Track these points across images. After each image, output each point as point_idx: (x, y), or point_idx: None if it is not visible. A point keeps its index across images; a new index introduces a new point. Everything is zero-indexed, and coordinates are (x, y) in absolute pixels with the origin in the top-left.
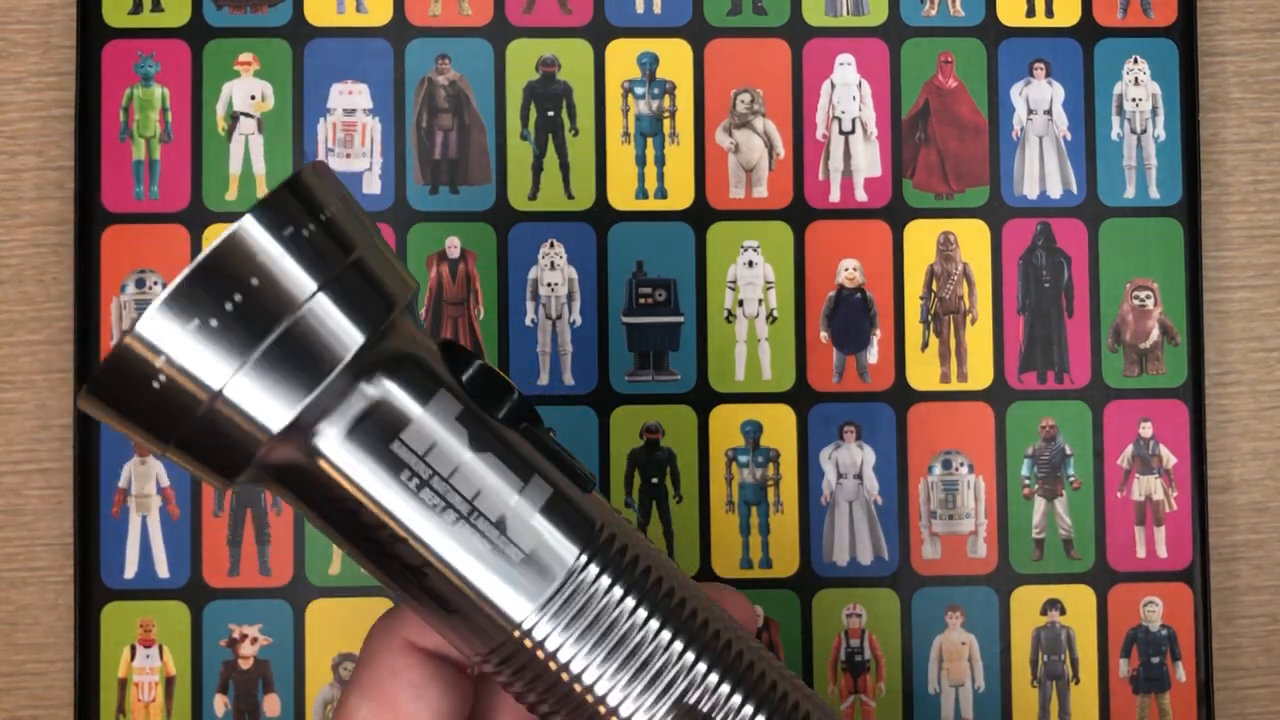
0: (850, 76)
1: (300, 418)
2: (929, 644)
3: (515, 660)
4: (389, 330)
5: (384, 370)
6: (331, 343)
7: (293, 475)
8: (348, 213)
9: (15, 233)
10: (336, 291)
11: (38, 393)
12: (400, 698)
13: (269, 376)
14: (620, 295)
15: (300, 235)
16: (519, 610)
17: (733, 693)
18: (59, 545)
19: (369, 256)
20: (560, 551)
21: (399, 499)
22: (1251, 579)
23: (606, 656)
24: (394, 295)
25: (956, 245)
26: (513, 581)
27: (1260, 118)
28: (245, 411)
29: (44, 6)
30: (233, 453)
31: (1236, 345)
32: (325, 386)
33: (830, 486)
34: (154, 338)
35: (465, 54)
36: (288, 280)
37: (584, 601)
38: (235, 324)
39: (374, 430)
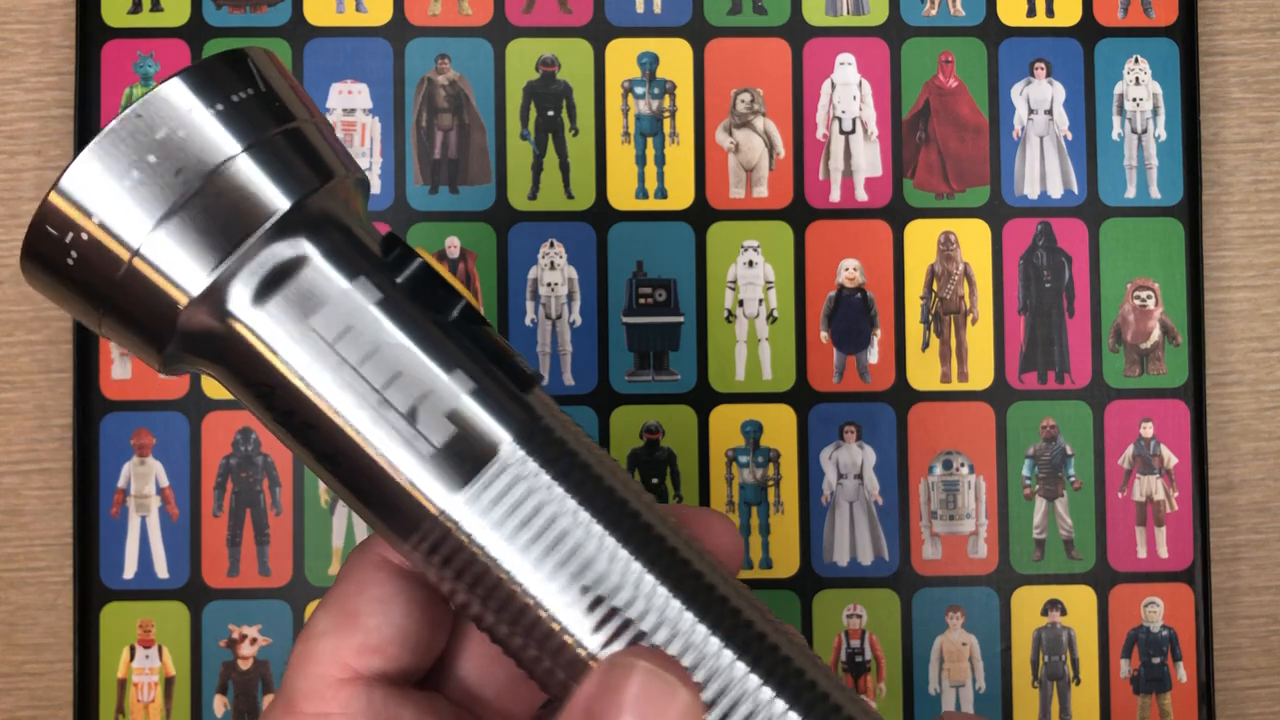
0: (851, 76)
1: (218, 280)
2: (930, 644)
3: (440, 550)
4: (323, 204)
5: (308, 236)
6: (253, 204)
7: (216, 346)
8: (291, 93)
9: (15, 233)
10: (264, 154)
11: (37, 393)
12: (362, 610)
13: (188, 236)
14: (620, 295)
15: (229, 99)
16: (435, 501)
17: (661, 590)
18: (58, 545)
19: (307, 131)
20: (479, 441)
21: (311, 377)
22: (1252, 579)
23: (530, 544)
24: (331, 168)
25: (957, 245)
26: (425, 473)
27: (1261, 117)
28: (164, 271)
29: (43, 6)
30: (156, 319)
31: (1237, 345)
32: (245, 249)
33: (831, 487)
34: (76, 193)
35: (465, 54)
36: (210, 138)
37: (506, 491)
38: (153, 180)
39: (292, 299)
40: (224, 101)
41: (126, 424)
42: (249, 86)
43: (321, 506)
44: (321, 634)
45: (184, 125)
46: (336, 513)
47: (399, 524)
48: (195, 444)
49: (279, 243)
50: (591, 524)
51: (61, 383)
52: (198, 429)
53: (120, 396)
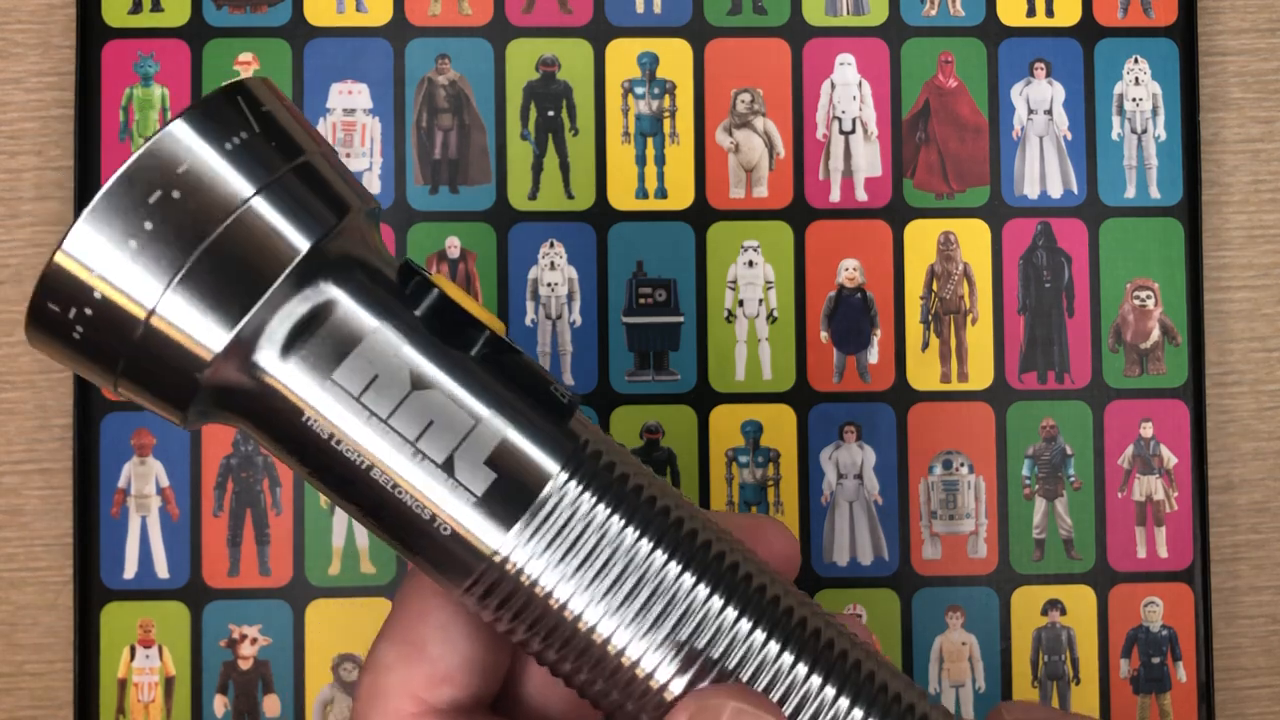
0: (850, 76)
1: (242, 334)
2: (929, 644)
3: (495, 594)
4: (342, 242)
5: (332, 278)
6: (272, 249)
7: (242, 401)
8: (295, 124)
9: (15, 233)
10: (278, 195)
11: (37, 393)
12: (428, 640)
13: (206, 291)
14: (620, 295)
15: (237, 138)
16: (486, 543)
17: (741, 620)
18: (58, 545)
19: (317, 164)
20: (525, 478)
21: (341, 432)
22: (1252, 579)
23: (592, 582)
24: (346, 201)
25: (957, 245)
26: (471, 518)
27: (1261, 117)
28: (185, 330)
29: (44, 6)
30: (178, 379)
31: (1237, 345)
32: (267, 298)
33: (830, 487)
34: (83, 254)
35: (465, 54)
36: (222, 183)
37: (558, 527)
38: (165, 233)
39: (319, 349)
40: (231, 141)
41: (127, 424)
42: (254, 122)
43: (322, 507)
44: (389, 667)
45: (193, 170)
46: (336, 513)
47: (451, 571)
48: (195, 444)
49: (303, 289)
50: (653, 552)
51: (62, 383)
52: (198, 429)
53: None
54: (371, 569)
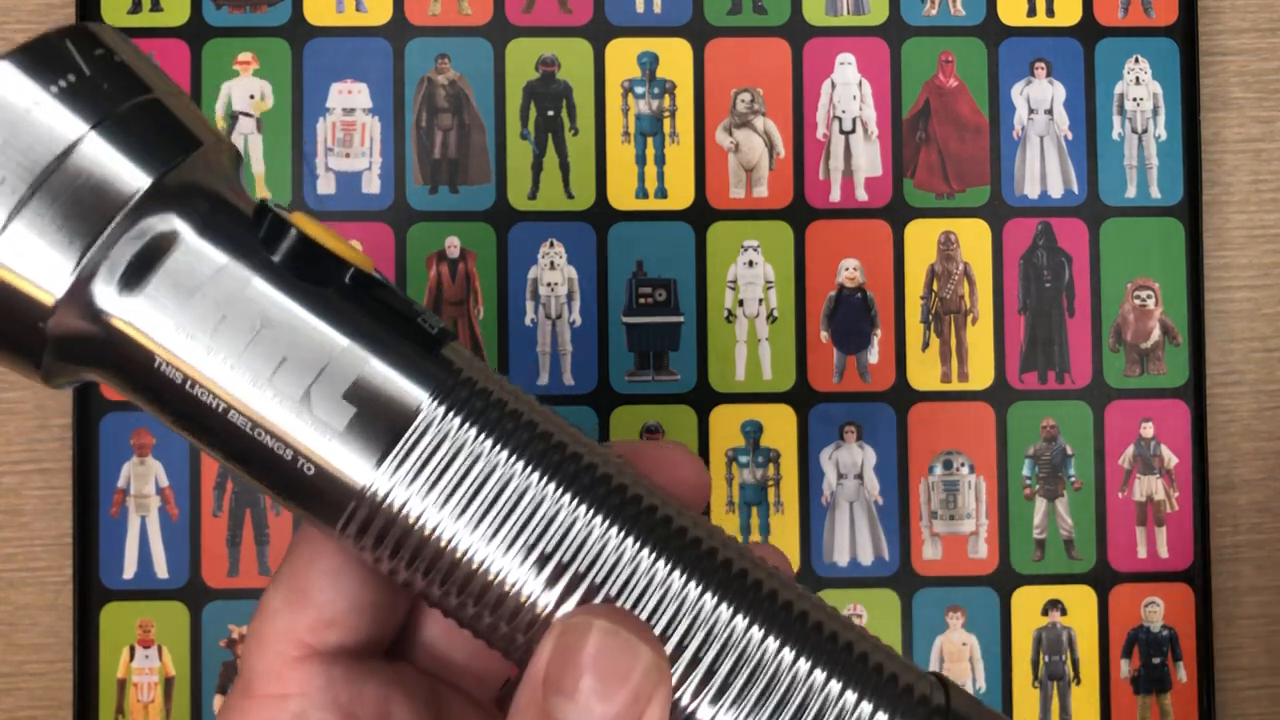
0: (851, 76)
1: (83, 273)
2: (930, 644)
3: (370, 531)
4: (191, 176)
5: (176, 212)
6: (110, 186)
7: (93, 351)
8: (146, 65)
9: None
10: (116, 130)
11: (36, 393)
12: (313, 585)
13: (43, 231)
14: (620, 295)
15: (70, 77)
16: (354, 478)
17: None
18: (58, 545)
19: (168, 103)
20: (393, 409)
21: (194, 374)
22: (1253, 579)
23: (466, 508)
24: (198, 137)
25: (957, 245)
26: (336, 453)
27: (1261, 117)
28: (23, 274)
29: (43, 6)
30: (24, 329)
31: (1238, 345)
32: (107, 235)
33: (831, 487)
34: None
35: (465, 53)
36: (52, 121)
37: (426, 456)
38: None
39: (165, 284)
40: (64, 80)
41: (126, 424)
42: (92, 61)
43: None
44: (274, 612)
45: (18, 110)
46: None
47: (325, 512)
48: None
49: (144, 224)
50: (530, 473)
51: None
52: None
53: (120, 396)
54: None
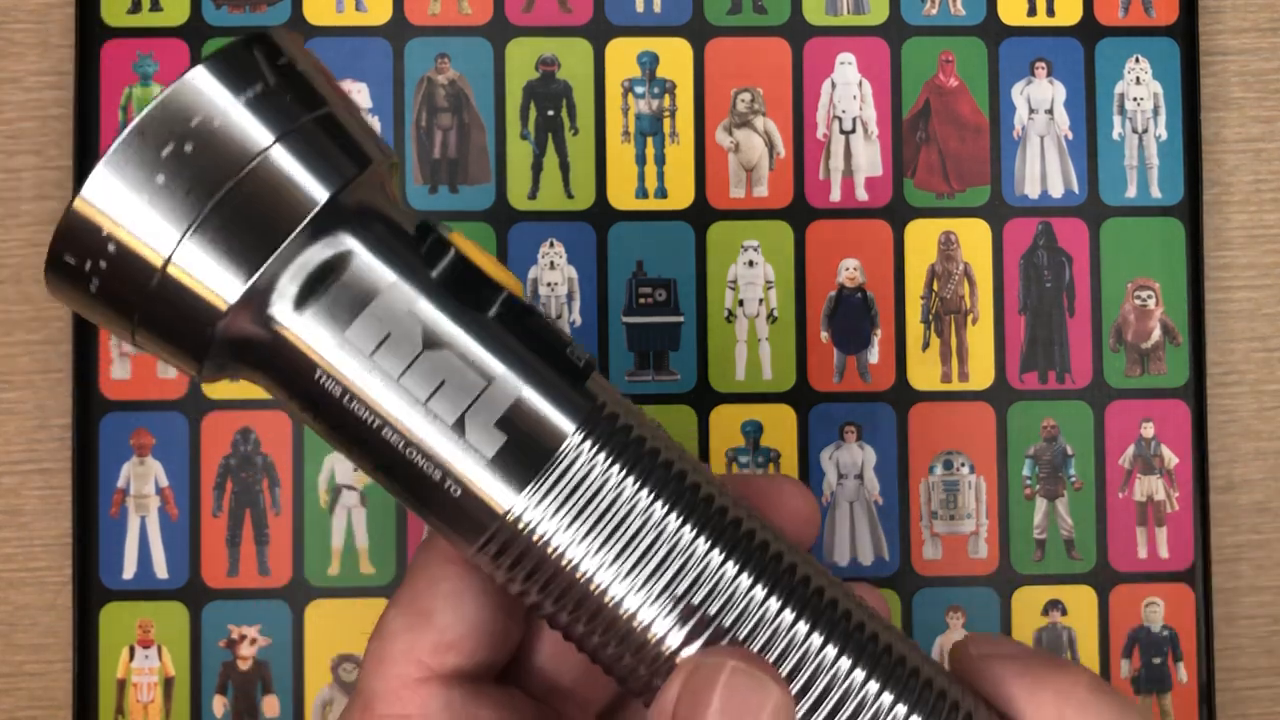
0: (851, 76)
1: (258, 284)
2: (930, 644)
3: (507, 554)
4: (361, 194)
5: (349, 230)
6: (290, 199)
7: (258, 355)
8: (319, 75)
9: (14, 232)
10: (298, 144)
11: (36, 393)
12: (435, 608)
13: (224, 239)
14: (620, 295)
15: (257, 87)
16: (499, 502)
17: (750, 584)
18: (57, 546)
19: (340, 115)
20: (540, 439)
21: (354, 389)
22: (1253, 579)
23: (605, 543)
24: (367, 153)
25: (957, 245)
26: (483, 477)
27: (1262, 117)
28: (200, 279)
29: (42, 6)
30: (194, 329)
31: (1238, 345)
32: (284, 248)
33: (831, 487)
34: (100, 201)
35: (465, 53)
36: (241, 131)
37: (571, 488)
38: (182, 182)
39: (336, 301)
40: (252, 89)
41: (126, 424)
42: (276, 72)
43: (321, 507)
44: (395, 634)
45: (211, 118)
46: (336, 513)
47: (463, 530)
48: (195, 444)
49: (320, 240)
50: (666, 515)
51: (61, 382)
52: (197, 429)
53: (119, 396)
54: (371, 569)
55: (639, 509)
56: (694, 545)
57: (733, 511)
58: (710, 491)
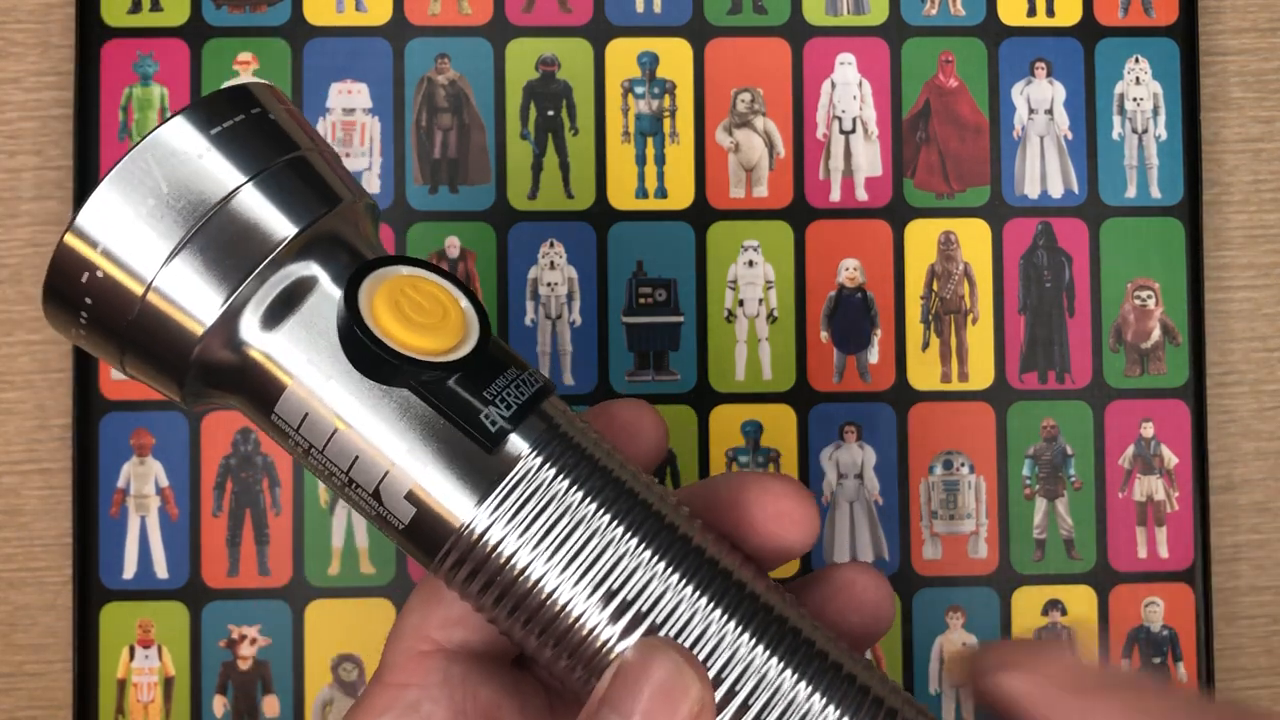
0: (851, 76)
1: (230, 308)
2: (930, 644)
3: (463, 567)
4: (332, 228)
5: (317, 260)
6: (261, 233)
7: (230, 377)
8: (293, 123)
9: (14, 232)
10: (269, 184)
11: (36, 393)
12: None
13: (200, 268)
14: (620, 295)
15: (232, 133)
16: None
17: (685, 585)
18: (58, 546)
19: (312, 159)
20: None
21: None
22: (1253, 579)
23: (554, 553)
24: (337, 194)
25: (957, 245)
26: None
27: (1261, 117)
28: (178, 304)
29: (43, 6)
30: (173, 353)
31: (1238, 345)
32: (254, 275)
33: (831, 487)
34: (90, 231)
35: (465, 53)
36: (215, 173)
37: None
38: (163, 216)
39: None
40: (227, 136)
41: (126, 424)
42: (250, 120)
43: (321, 507)
44: (411, 609)
45: (188, 161)
46: (336, 513)
47: (426, 546)
48: (195, 444)
49: (288, 267)
50: (612, 524)
51: (61, 382)
52: (197, 429)
53: (120, 396)
54: (371, 569)
55: (585, 519)
56: (635, 552)
57: (679, 524)
58: (660, 508)
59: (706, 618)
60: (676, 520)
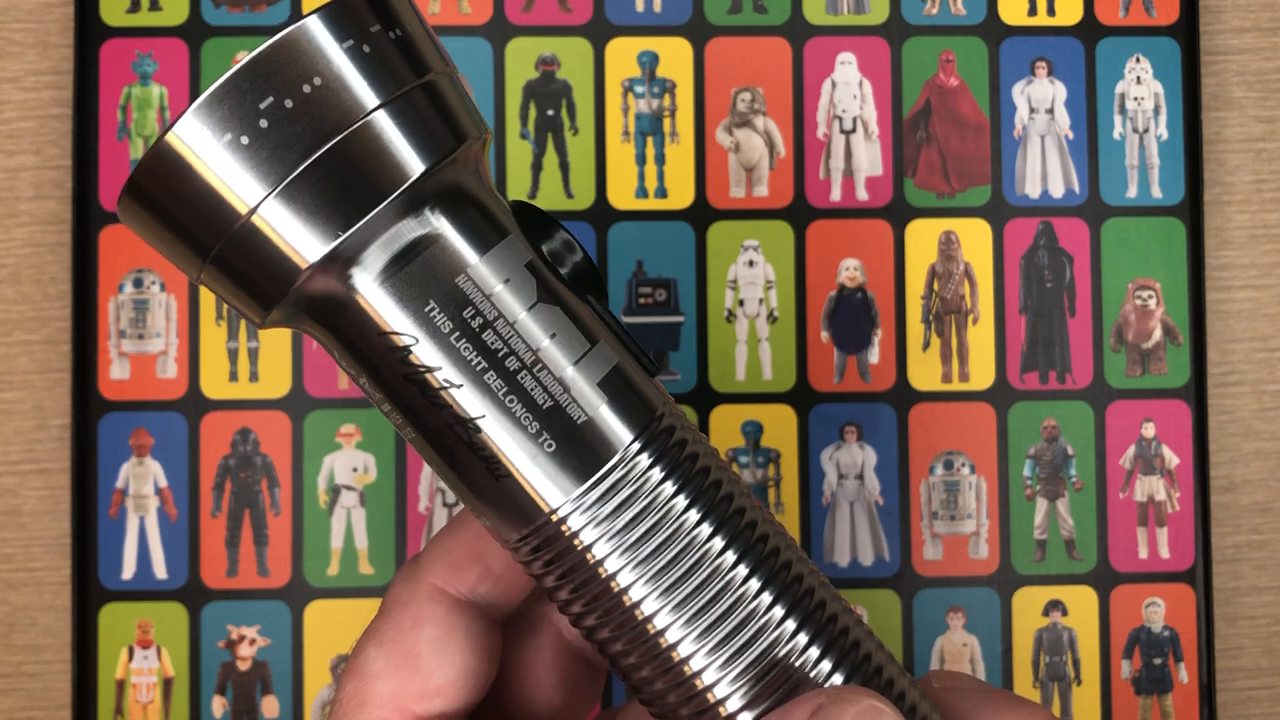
0: (851, 75)
1: (340, 249)
2: (930, 645)
3: (549, 549)
4: (455, 170)
5: (441, 208)
6: (385, 169)
7: (328, 314)
8: (428, 39)
9: (13, 232)
10: (401, 112)
11: (35, 393)
12: (422, 651)
13: (311, 200)
14: (620, 295)
15: (368, 45)
16: (559, 491)
17: (787, 618)
18: (56, 546)
19: (443, 85)
20: (616, 431)
21: (446, 348)
22: (1254, 580)
23: (645, 559)
24: (465, 130)
25: (958, 245)
26: (558, 458)
27: (1262, 117)
28: (283, 234)
29: (41, 5)
30: (268, 280)
31: (1239, 345)
32: (372, 217)
33: (831, 487)
34: (195, 139)
35: (464, 53)
36: (347, 90)
37: (630, 492)
38: (281, 132)
39: (417, 277)
40: (362, 47)
41: (125, 424)
42: (390, 29)
43: (320, 507)
44: (378, 674)
45: (318, 72)
46: (335, 514)
47: (507, 519)
48: (194, 444)
49: (409, 215)
50: (711, 538)
51: (59, 383)
52: (196, 429)
53: (118, 397)
54: (370, 570)
55: (684, 529)
56: (734, 571)
57: (774, 541)
58: (755, 518)
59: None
60: (771, 534)
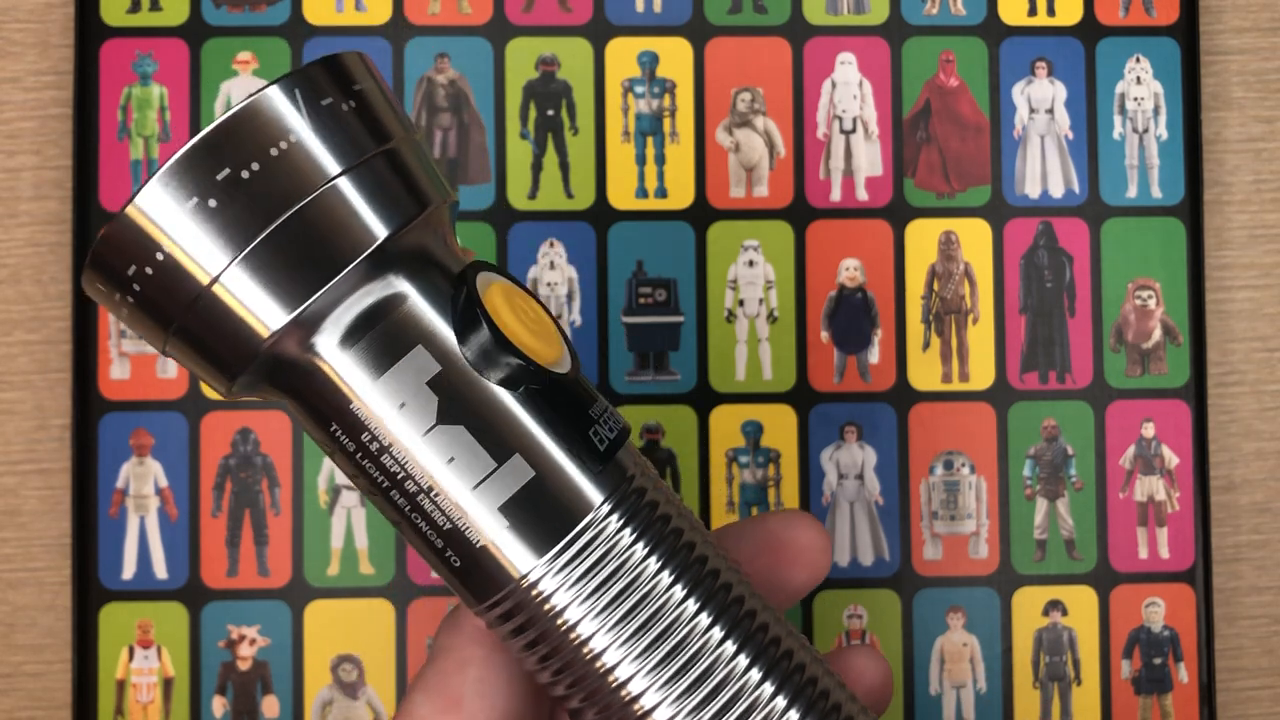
0: (851, 75)
1: (303, 316)
2: (930, 645)
3: (516, 617)
4: (418, 235)
5: (403, 273)
6: (347, 235)
7: (291, 381)
8: (388, 106)
9: (13, 232)
10: (363, 179)
11: (35, 393)
12: (465, 694)
13: (273, 267)
14: (620, 295)
15: (327, 114)
16: (523, 561)
17: (764, 681)
18: (57, 546)
19: (405, 151)
20: (512, 558)
21: (384, 433)
22: (1254, 580)
23: (618, 623)
24: (428, 196)
25: (958, 245)
26: (461, 576)
27: (1262, 117)
28: (245, 302)
29: (42, 5)
30: (231, 348)
31: (1239, 345)
32: (334, 284)
33: (831, 487)
34: (155, 211)
35: (464, 53)
36: (308, 158)
37: (530, 616)
38: (241, 202)
39: (379, 344)
40: (321, 117)
41: (125, 424)
42: (347, 99)
43: (320, 507)
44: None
45: (276, 142)
46: (335, 513)
47: (478, 589)
48: (194, 444)
49: (372, 280)
50: (684, 601)
51: (60, 383)
52: (196, 429)
53: (119, 397)
54: (370, 570)
55: (656, 591)
56: (709, 634)
57: (749, 603)
58: (729, 579)
59: (780, 715)
60: (750, 601)
